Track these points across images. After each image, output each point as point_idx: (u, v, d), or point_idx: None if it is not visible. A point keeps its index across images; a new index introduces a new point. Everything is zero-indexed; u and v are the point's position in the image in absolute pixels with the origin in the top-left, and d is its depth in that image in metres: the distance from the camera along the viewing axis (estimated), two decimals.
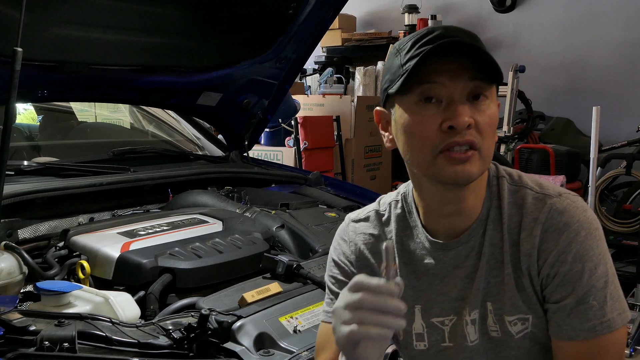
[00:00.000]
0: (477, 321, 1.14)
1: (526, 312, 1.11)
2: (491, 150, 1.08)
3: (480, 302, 1.13)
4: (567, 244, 1.06)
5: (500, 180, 1.16)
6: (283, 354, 1.38)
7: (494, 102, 1.09)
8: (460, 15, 6.58)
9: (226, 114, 2.84)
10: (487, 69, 1.03)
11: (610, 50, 5.80)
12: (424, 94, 1.05)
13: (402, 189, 1.25)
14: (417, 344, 1.21)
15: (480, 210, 1.14)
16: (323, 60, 6.55)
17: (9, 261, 1.56)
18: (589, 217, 1.09)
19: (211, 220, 2.03)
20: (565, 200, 1.10)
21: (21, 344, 1.25)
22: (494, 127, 1.08)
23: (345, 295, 0.97)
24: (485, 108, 1.06)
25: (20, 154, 2.44)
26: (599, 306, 1.05)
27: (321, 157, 5.10)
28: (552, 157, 5.04)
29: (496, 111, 1.09)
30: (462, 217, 1.14)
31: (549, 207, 1.09)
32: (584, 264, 1.05)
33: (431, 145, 1.05)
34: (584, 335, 1.06)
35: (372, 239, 1.24)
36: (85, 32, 2.11)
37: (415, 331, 1.20)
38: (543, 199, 1.10)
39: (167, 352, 1.34)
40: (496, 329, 1.13)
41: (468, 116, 1.03)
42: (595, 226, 1.09)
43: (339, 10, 2.66)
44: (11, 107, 1.57)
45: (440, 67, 1.03)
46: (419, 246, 1.19)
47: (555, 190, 1.12)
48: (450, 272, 1.16)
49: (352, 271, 1.25)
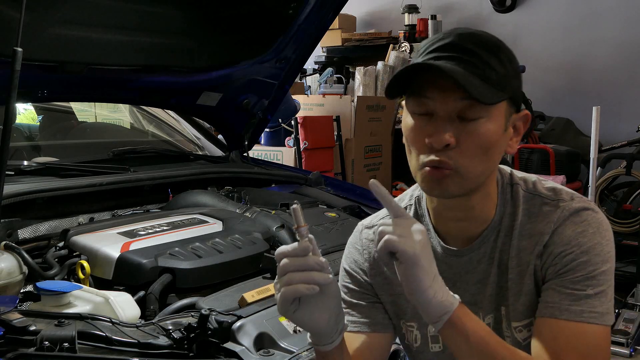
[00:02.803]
0: (492, 325, 1.14)
1: (530, 317, 1.11)
2: (476, 170, 1.05)
3: (494, 307, 1.14)
4: (574, 237, 1.07)
5: (515, 187, 1.15)
6: (283, 354, 1.37)
7: (496, 119, 1.04)
8: (460, 15, 6.58)
9: (226, 114, 2.84)
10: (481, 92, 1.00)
11: (610, 51, 5.81)
12: (416, 105, 1.06)
13: (417, 191, 1.24)
14: (432, 345, 1.21)
15: (492, 217, 1.14)
16: (323, 60, 6.56)
17: (9, 261, 1.56)
18: (599, 218, 1.09)
19: (211, 220, 2.03)
20: (577, 203, 1.11)
21: (21, 344, 1.25)
22: (486, 147, 1.04)
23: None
24: (477, 128, 1.02)
25: (20, 154, 2.43)
26: (595, 297, 1.04)
27: (321, 157, 5.09)
28: (552, 157, 5.04)
29: (497, 128, 1.04)
30: (472, 223, 1.14)
31: (562, 209, 1.10)
32: (590, 256, 1.06)
33: (417, 156, 1.06)
34: (568, 315, 1.04)
35: None
36: (85, 32, 2.11)
37: (430, 333, 1.21)
38: (556, 204, 1.11)
39: (167, 352, 1.33)
40: (509, 335, 1.14)
41: (449, 136, 1.01)
42: (605, 227, 1.09)
43: (339, 10, 2.66)
44: (11, 107, 1.57)
45: (436, 81, 1.02)
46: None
47: (569, 194, 1.13)
48: (462, 277, 1.16)
49: (364, 280, 1.24)
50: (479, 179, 1.07)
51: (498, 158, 1.09)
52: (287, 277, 0.98)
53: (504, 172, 1.17)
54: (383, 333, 1.24)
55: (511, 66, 1.06)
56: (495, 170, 1.13)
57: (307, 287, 0.97)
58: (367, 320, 1.23)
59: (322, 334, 1.04)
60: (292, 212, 1.00)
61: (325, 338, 1.05)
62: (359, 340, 1.22)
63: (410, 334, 1.24)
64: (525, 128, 1.12)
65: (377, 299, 1.25)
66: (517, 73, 1.08)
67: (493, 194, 1.14)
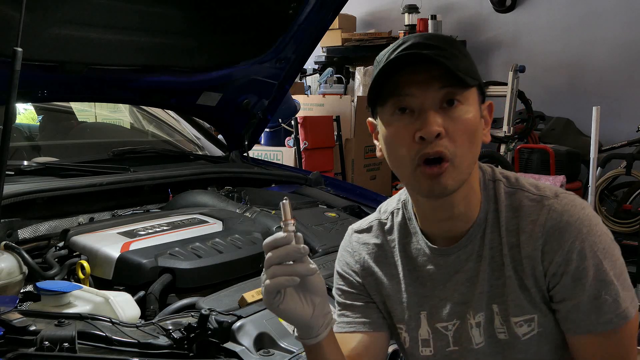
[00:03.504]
0: (483, 324, 1.14)
1: (531, 312, 1.11)
2: (466, 158, 1.06)
3: (485, 304, 1.14)
4: (571, 242, 1.06)
5: (497, 183, 1.16)
6: (283, 354, 1.38)
7: (473, 106, 1.07)
8: (460, 15, 6.58)
9: (226, 114, 2.84)
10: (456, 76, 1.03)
11: (610, 51, 5.81)
12: (396, 104, 1.07)
13: (403, 195, 1.25)
14: (422, 349, 1.21)
15: (477, 214, 1.14)
16: (323, 60, 6.56)
17: (9, 261, 1.56)
18: (588, 214, 1.09)
19: (211, 220, 2.03)
20: (562, 200, 1.10)
21: (21, 344, 1.25)
22: (470, 133, 1.06)
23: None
24: (460, 114, 1.05)
25: (20, 154, 2.43)
26: (612, 299, 1.06)
27: (321, 157, 5.10)
28: (552, 157, 5.05)
29: (475, 115, 1.07)
30: (457, 222, 1.14)
31: (547, 209, 1.09)
32: (590, 260, 1.06)
33: (408, 157, 1.06)
34: (601, 327, 1.07)
35: (375, 248, 1.25)
36: (85, 32, 2.11)
37: (421, 337, 1.21)
38: (540, 200, 1.11)
39: (167, 352, 1.34)
40: (503, 330, 1.13)
41: (437, 125, 1.03)
42: (595, 222, 1.09)
43: (339, 10, 2.66)
44: (11, 107, 1.57)
45: (409, 78, 1.04)
46: (420, 252, 1.19)
47: (552, 191, 1.12)
48: (451, 277, 1.17)
49: (357, 281, 1.26)
50: (469, 168, 1.09)
51: (479, 147, 1.10)
52: (271, 271, 1.00)
53: (486, 169, 1.18)
54: (379, 332, 1.24)
55: (471, 59, 1.10)
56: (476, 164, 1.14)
57: (287, 279, 0.99)
58: (362, 320, 1.24)
59: (307, 327, 1.06)
60: (281, 206, 1.02)
61: (310, 331, 1.07)
62: (356, 340, 1.22)
63: (400, 335, 1.25)
64: (491, 118, 1.15)
65: (370, 299, 1.26)
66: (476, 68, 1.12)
67: (476, 191, 1.14)
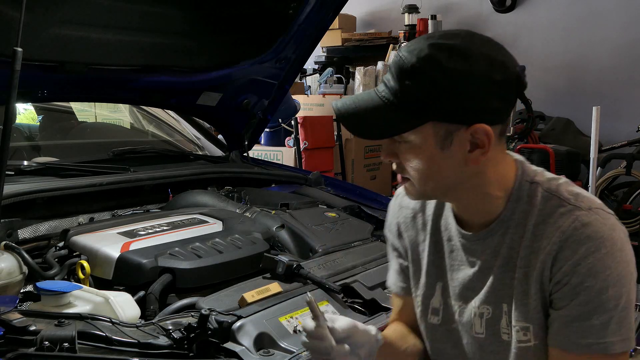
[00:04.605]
0: (486, 317, 1.16)
1: (527, 321, 1.11)
2: (427, 186, 1.12)
3: (493, 300, 1.15)
4: (584, 257, 1.04)
5: (534, 185, 1.13)
6: (283, 354, 1.37)
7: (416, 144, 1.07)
8: (460, 15, 6.58)
9: (226, 114, 2.84)
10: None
11: (610, 51, 5.81)
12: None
13: None
14: (431, 317, 1.26)
15: (501, 211, 1.13)
16: (323, 60, 6.56)
17: (9, 261, 1.56)
18: (614, 237, 1.06)
19: (211, 220, 2.03)
20: (593, 214, 1.07)
21: (21, 344, 1.25)
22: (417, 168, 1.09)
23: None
24: (401, 150, 1.11)
25: (20, 154, 2.43)
26: (600, 326, 1.04)
27: (321, 157, 5.10)
28: (552, 157, 5.04)
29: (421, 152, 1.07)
30: (475, 215, 1.17)
31: (574, 218, 1.07)
32: (596, 280, 1.03)
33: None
34: (576, 349, 1.05)
35: (412, 213, 1.31)
36: (85, 32, 2.11)
37: (432, 305, 1.26)
38: (572, 210, 1.08)
39: (167, 352, 1.33)
40: (507, 332, 1.14)
41: (384, 155, 1.15)
42: (619, 247, 1.05)
43: (339, 10, 2.67)
44: (11, 107, 1.57)
45: None
46: (447, 228, 1.23)
47: (588, 204, 1.09)
48: (467, 262, 1.19)
49: (395, 240, 1.36)
50: (435, 191, 1.14)
51: (451, 174, 1.09)
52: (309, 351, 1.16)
53: (527, 169, 1.16)
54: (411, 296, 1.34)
55: (440, 86, 1.02)
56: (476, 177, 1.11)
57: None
58: (404, 285, 1.34)
59: None
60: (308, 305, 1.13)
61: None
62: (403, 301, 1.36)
63: (415, 299, 1.30)
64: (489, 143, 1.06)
65: (405, 260, 1.34)
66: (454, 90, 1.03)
67: (495, 193, 1.13)
